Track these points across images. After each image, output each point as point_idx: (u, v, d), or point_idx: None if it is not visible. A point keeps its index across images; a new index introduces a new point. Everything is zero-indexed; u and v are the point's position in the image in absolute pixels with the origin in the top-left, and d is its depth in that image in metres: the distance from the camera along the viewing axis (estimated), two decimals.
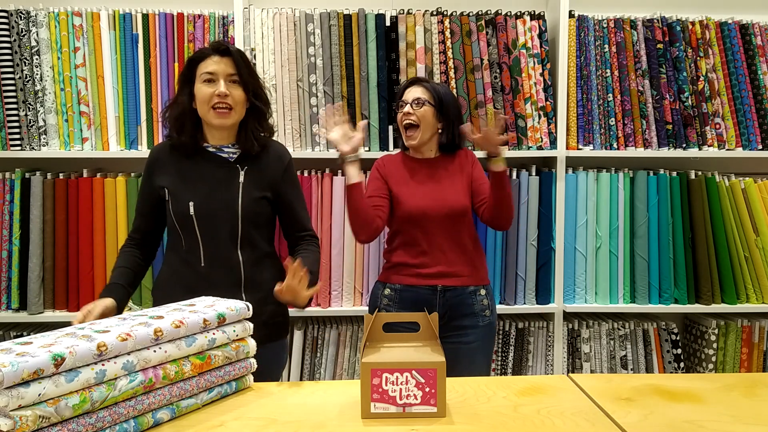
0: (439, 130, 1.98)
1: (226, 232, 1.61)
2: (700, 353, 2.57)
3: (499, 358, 2.49)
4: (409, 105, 1.92)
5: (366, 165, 2.42)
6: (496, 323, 2.03)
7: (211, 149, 1.65)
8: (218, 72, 1.58)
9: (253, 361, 1.17)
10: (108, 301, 1.50)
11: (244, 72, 1.62)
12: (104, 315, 1.44)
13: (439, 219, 1.91)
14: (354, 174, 1.83)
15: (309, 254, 1.69)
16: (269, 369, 1.69)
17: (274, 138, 1.77)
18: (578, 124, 2.44)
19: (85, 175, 2.33)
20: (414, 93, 1.94)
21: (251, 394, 1.15)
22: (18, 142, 2.31)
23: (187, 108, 1.62)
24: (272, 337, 1.70)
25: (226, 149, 1.65)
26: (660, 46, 2.44)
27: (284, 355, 1.81)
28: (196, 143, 1.64)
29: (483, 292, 1.96)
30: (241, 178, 1.63)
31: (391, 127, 2.39)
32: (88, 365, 0.88)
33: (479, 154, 1.99)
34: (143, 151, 2.32)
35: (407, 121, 1.93)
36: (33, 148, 2.31)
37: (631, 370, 2.50)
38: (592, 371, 2.49)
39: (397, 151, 2.14)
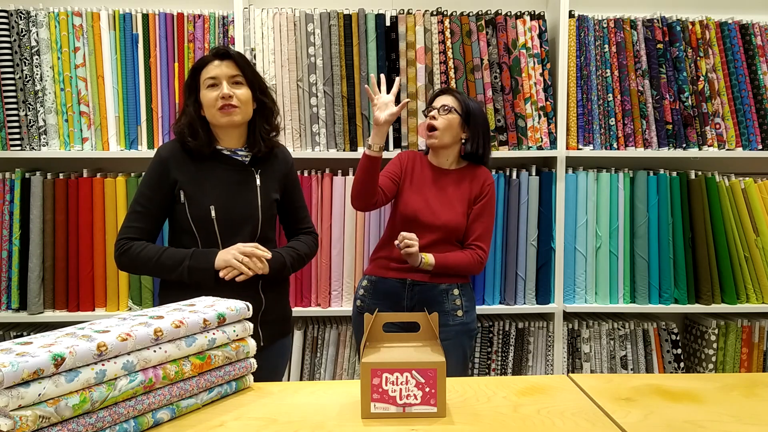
0: (463, 141, 2.03)
1: (246, 235, 1.63)
2: (700, 353, 2.56)
3: (499, 358, 2.49)
4: (436, 111, 2.00)
5: None
6: (473, 325, 2.02)
7: (225, 152, 1.66)
8: (220, 75, 1.60)
9: (253, 361, 1.17)
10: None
11: (248, 72, 1.63)
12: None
13: (429, 228, 1.96)
14: (378, 143, 1.82)
15: (294, 245, 1.75)
16: (278, 364, 1.76)
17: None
18: (578, 124, 2.44)
19: (85, 175, 2.33)
20: (442, 101, 2.02)
21: (251, 394, 1.15)
22: (18, 142, 2.31)
23: (196, 116, 1.63)
24: (283, 333, 1.76)
25: (239, 152, 1.67)
26: (660, 46, 2.44)
27: (290, 350, 1.85)
28: (210, 145, 1.64)
29: (456, 291, 1.98)
30: (258, 181, 1.66)
31: (391, 127, 2.39)
32: (88, 365, 0.88)
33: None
34: (143, 151, 2.32)
35: (429, 123, 1.99)
36: (33, 148, 2.31)
37: (631, 370, 2.50)
38: (592, 371, 2.49)
39: (399, 150, 2.18)
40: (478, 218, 2.01)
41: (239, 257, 1.54)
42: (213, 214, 1.59)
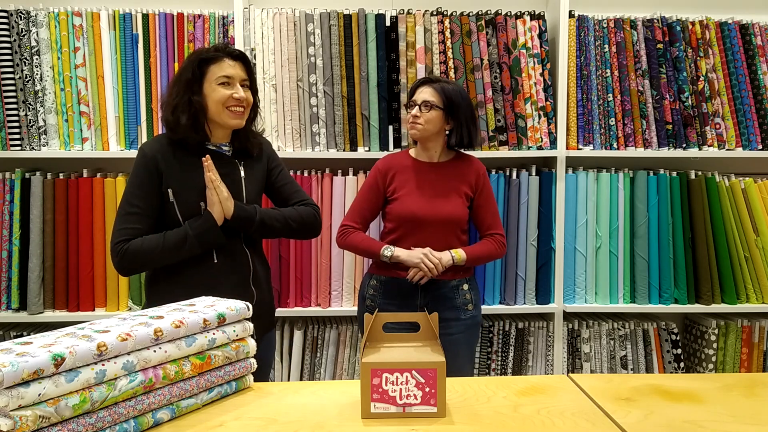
0: (447, 132, 2.00)
1: (235, 228, 1.65)
2: (700, 353, 2.56)
3: (499, 358, 2.49)
4: (417, 107, 1.95)
5: (365, 165, 2.42)
6: (480, 318, 2.06)
7: (211, 147, 1.67)
8: (234, 76, 1.63)
9: (253, 361, 1.17)
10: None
11: (253, 76, 1.70)
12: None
13: (431, 224, 1.96)
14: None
15: (276, 207, 1.77)
16: (267, 358, 1.79)
17: (272, 136, 1.81)
18: (578, 124, 2.44)
19: (85, 175, 2.33)
20: (423, 95, 1.96)
21: (251, 394, 1.15)
22: (18, 142, 2.31)
23: (204, 108, 1.62)
24: (268, 327, 1.78)
25: (223, 146, 1.69)
26: (660, 46, 2.44)
27: (275, 342, 1.89)
28: (206, 142, 1.66)
29: (466, 286, 2.00)
30: (242, 173, 1.69)
31: (391, 127, 2.39)
32: (88, 365, 0.88)
33: None
34: None
35: (411, 124, 1.97)
36: (33, 148, 2.31)
37: (631, 370, 2.50)
38: (592, 371, 2.49)
39: (398, 150, 2.18)
40: (484, 208, 2.02)
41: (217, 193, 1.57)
42: (203, 211, 1.60)
